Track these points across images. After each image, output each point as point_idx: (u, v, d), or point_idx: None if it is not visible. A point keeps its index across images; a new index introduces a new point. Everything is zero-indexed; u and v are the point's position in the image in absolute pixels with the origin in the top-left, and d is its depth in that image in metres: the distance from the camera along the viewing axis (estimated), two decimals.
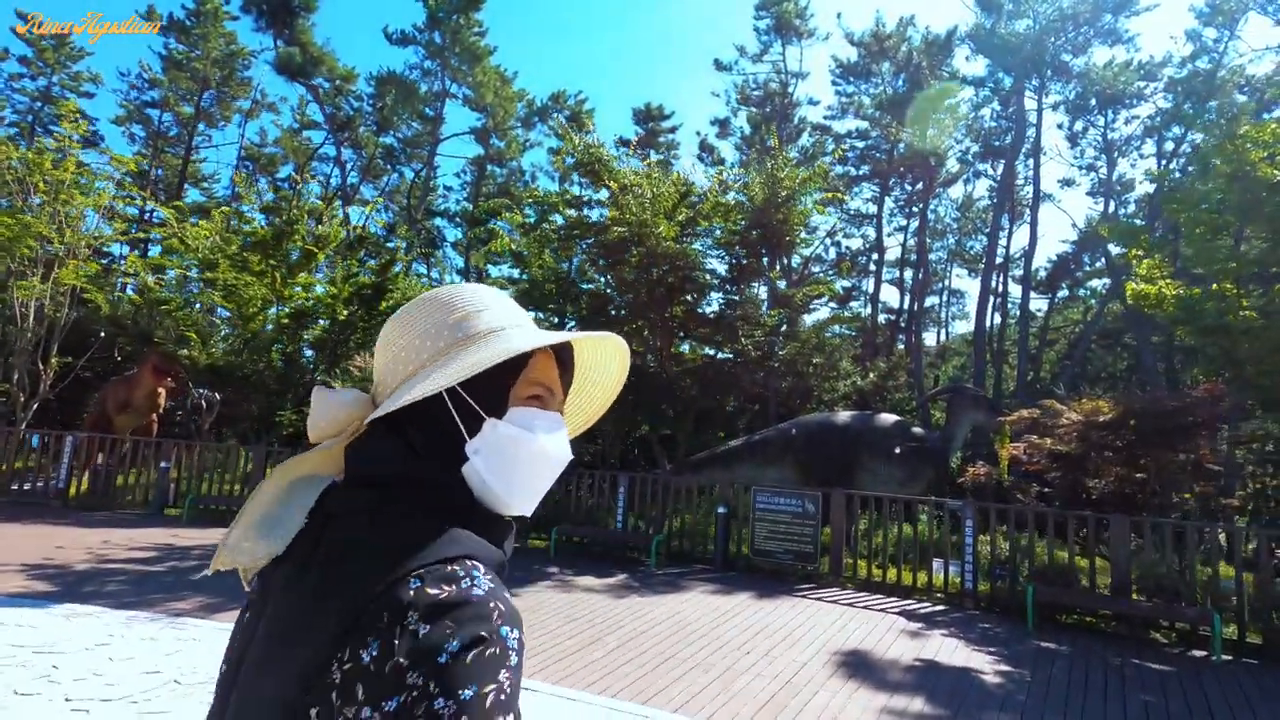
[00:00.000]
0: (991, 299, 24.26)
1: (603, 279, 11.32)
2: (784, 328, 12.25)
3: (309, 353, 15.21)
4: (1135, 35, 22.71)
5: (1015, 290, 30.46)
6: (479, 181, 26.53)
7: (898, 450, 11.69)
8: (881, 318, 30.89)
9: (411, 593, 0.61)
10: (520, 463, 0.75)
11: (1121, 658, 6.44)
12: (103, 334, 14.65)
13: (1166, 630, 7.29)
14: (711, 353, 12.19)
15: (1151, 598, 7.31)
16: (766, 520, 9.57)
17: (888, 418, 13.47)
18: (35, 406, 13.87)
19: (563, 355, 0.84)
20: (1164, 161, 24.51)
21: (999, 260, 24.78)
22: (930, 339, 33.73)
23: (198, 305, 14.91)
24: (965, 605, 8.19)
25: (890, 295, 32.76)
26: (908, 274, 30.25)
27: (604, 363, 0.94)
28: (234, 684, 0.70)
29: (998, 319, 28.17)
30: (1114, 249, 27.12)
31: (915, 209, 28.30)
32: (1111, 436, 7.67)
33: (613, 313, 11.09)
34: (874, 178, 26.74)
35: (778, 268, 14.24)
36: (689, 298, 10.61)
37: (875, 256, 28.96)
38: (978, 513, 8.39)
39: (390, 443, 0.74)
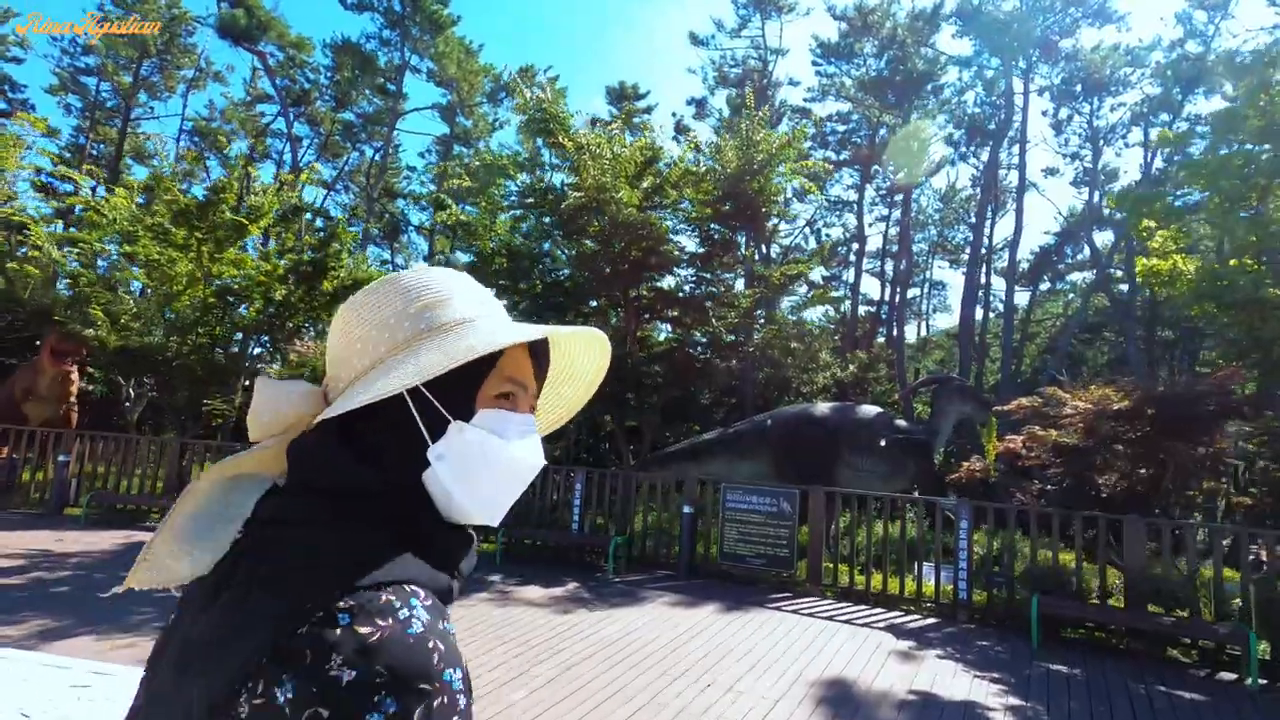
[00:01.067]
0: (978, 291, 23.54)
1: (562, 254, 10.20)
2: (760, 311, 11.25)
3: (245, 337, 13.92)
4: (1125, 14, 22.01)
5: (997, 283, 29.94)
6: (445, 162, 25.20)
7: (882, 443, 10.80)
8: (862, 309, 30.17)
9: (338, 631, 0.54)
10: (488, 470, 0.68)
11: (1145, 684, 5.52)
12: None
13: (1186, 648, 6.41)
14: (681, 337, 11.16)
15: (1170, 611, 6.42)
16: (737, 521, 8.57)
17: (869, 409, 12.60)
18: None
19: (537, 347, 0.76)
20: (1149, 154, 23.98)
21: (983, 250, 24.09)
22: (910, 332, 33.10)
23: (118, 284, 13.52)
24: (959, 618, 7.26)
25: (871, 287, 32.09)
26: (889, 266, 29.54)
27: (581, 355, 0.85)
28: (148, 696, 0.64)
29: (979, 312, 27.55)
30: (1098, 241, 26.61)
31: (897, 198, 27.53)
32: (1125, 427, 6.78)
33: (571, 290, 9.99)
34: (855, 163, 25.87)
35: (754, 248, 13.28)
36: (656, 275, 9.55)
37: (856, 247, 28.17)
38: (973, 513, 7.46)
39: (340, 444, 0.66)
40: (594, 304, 10.26)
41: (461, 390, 0.69)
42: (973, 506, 7.50)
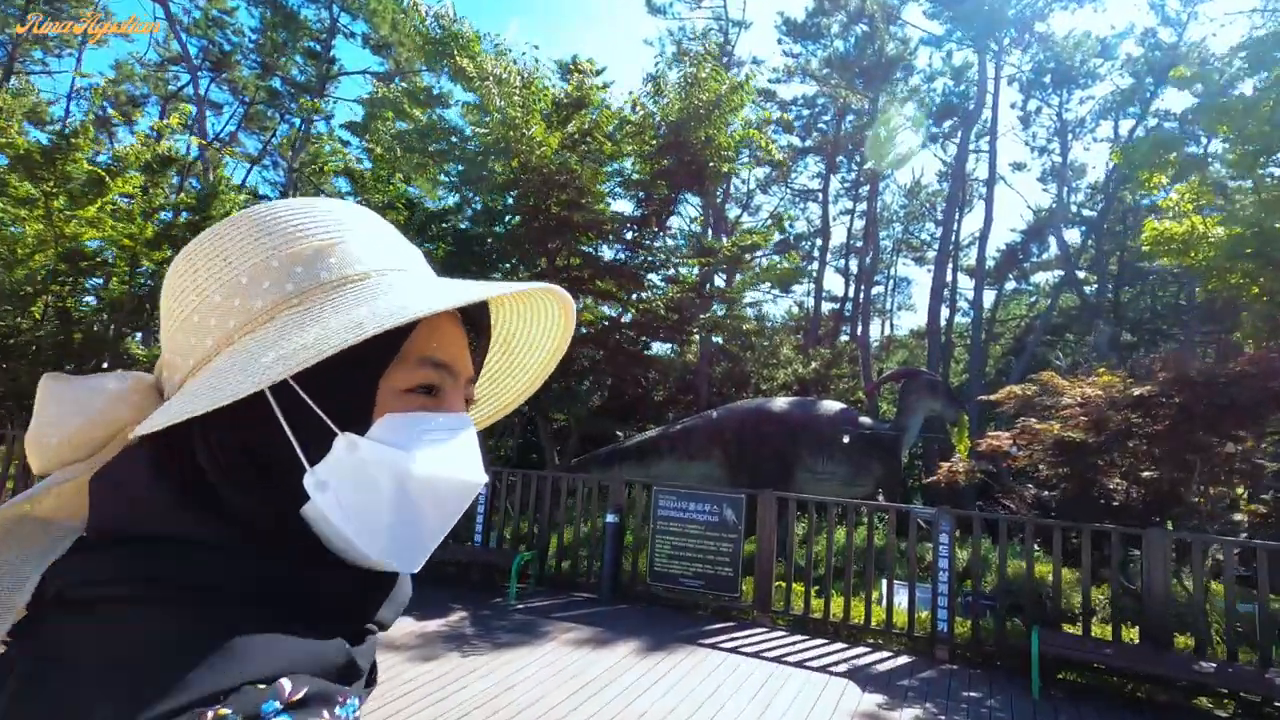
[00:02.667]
0: (945, 289, 22.58)
1: (470, 210, 8.57)
2: (709, 286, 9.82)
3: (113, 315, 11.91)
4: None
5: (963, 281, 29.16)
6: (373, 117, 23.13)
7: (845, 439, 9.53)
8: (826, 307, 29.09)
9: None
10: (396, 501, 0.47)
11: None
12: None
13: (1219, 696, 5.10)
14: (616, 315, 9.65)
15: (1201, 649, 5.10)
16: (671, 532, 7.05)
17: (832, 405, 11.35)
18: None
19: (475, 316, 0.55)
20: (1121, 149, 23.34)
21: (950, 247, 23.15)
22: (874, 330, 32.17)
23: None
24: (937, 655, 5.85)
25: (835, 284, 31.05)
26: (854, 264, 28.51)
27: (535, 322, 0.62)
28: None
29: (945, 311, 26.69)
30: (1065, 238, 25.93)
31: (863, 190, 26.51)
32: (1141, 420, 5.47)
33: (481, 253, 8.37)
34: (820, 150, 24.71)
35: (703, 215, 11.79)
36: (585, 239, 8.02)
37: (820, 242, 27.05)
38: (956, 524, 6.07)
39: (155, 475, 0.45)
40: (510, 269, 8.69)
41: (353, 384, 0.47)
42: (955, 516, 6.11)
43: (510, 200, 7.47)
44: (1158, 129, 22.70)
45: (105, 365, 11.07)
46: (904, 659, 5.78)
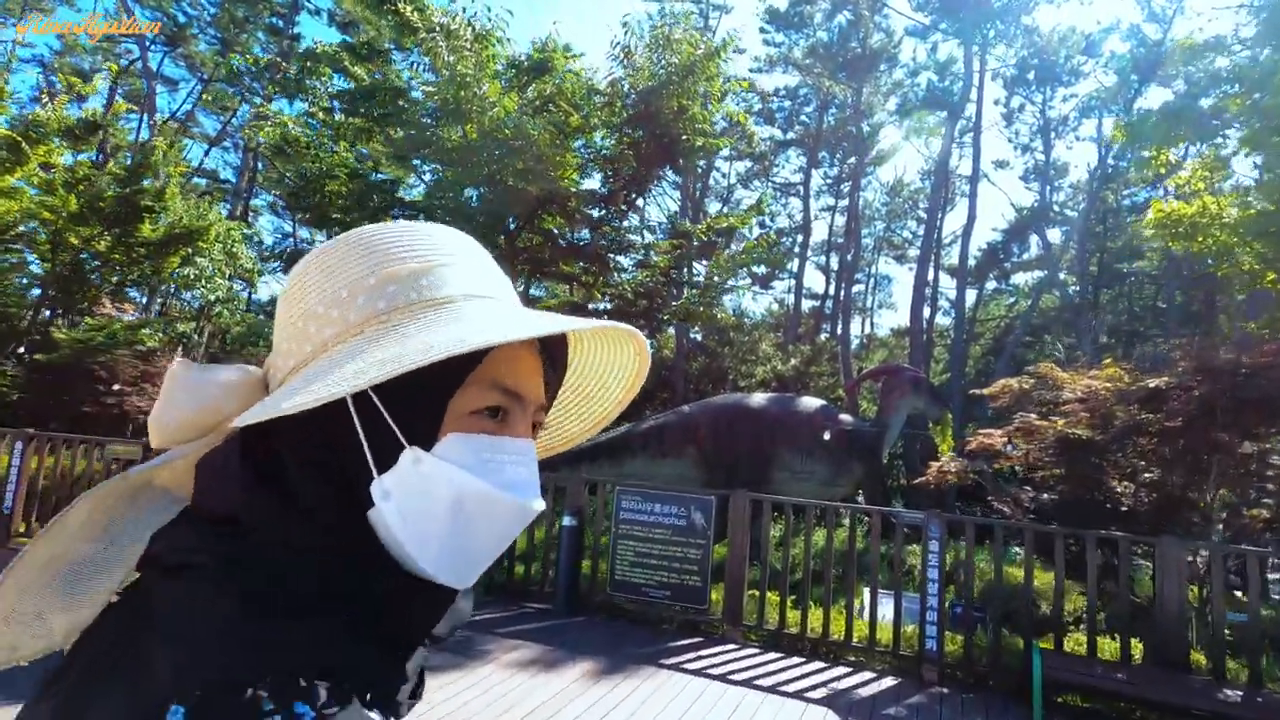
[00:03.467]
0: (925, 288, 22.19)
1: (417, 179, 7.79)
2: (685, 272, 9.15)
3: (43, 296, 11.00)
4: None
5: (944, 280, 28.92)
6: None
7: (826, 436, 9.02)
8: (806, 304, 28.71)
9: None
10: (451, 518, 0.49)
11: None
12: None
13: None
14: (582, 300, 8.93)
15: (1219, 671, 4.56)
16: (635, 537, 6.39)
17: (811, 402, 10.84)
18: None
19: (551, 347, 0.56)
20: (1103, 149, 23.12)
21: (934, 243, 22.78)
22: (855, 328, 31.80)
23: None
24: (925, 677, 5.25)
25: (816, 282, 30.68)
26: (835, 261, 28.08)
27: (608, 359, 0.64)
28: None
29: (927, 310, 26.38)
30: (1047, 237, 25.71)
31: (844, 186, 26.08)
32: (1150, 416, 4.91)
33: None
34: (802, 143, 24.20)
35: (692, 192, 11.11)
36: (548, 217, 7.28)
37: (800, 238, 26.59)
38: (946, 529, 5.48)
39: (248, 462, 0.49)
40: None
41: (424, 402, 0.49)
42: (946, 521, 5.52)
43: (463, 170, 6.75)
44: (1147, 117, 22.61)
45: (21, 350, 10.14)
46: (889, 681, 5.18)
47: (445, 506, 0.48)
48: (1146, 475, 5.27)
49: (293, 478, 0.48)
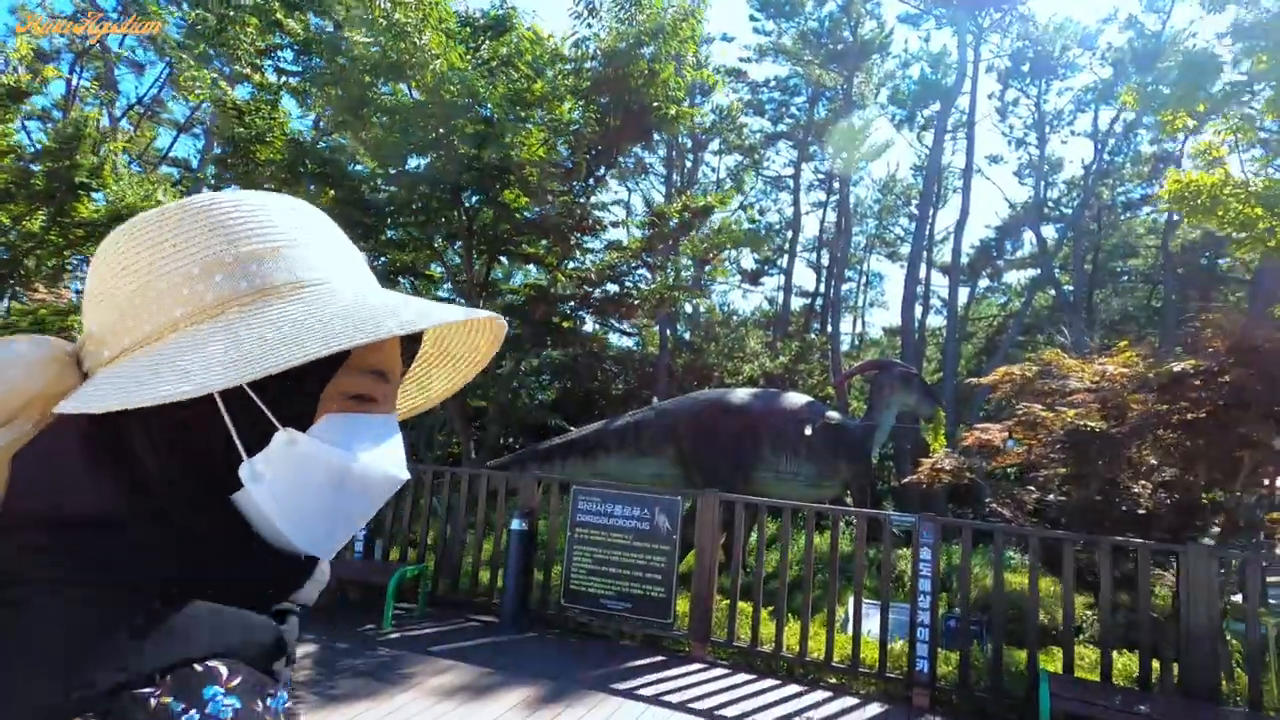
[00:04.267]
0: (917, 286, 21.62)
1: (363, 149, 7.08)
2: (668, 260, 8.49)
3: None
4: None
5: (936, 279, 28.37)
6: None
7: (809, 431, 8.41)
8: (796, 302, 28.09)
9: None
10: (327, 494, 0.49)
11: None
12: None
13: None
14: (546, 284, 8.24)
15: (1254, 702, 3.93)
16: (592, 542, 5.71)
17: (797, 398, 10.22)
18: None
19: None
20: (1100, 144, 22.62)
21: (925, 238, 22.23)
22: (845, 327, 31.24)
23: None
24: (915, 702, 4.60)
25: (806, 280, 30.06)
26: (825, 258, 27.50)
27: (464, 330, 0.64)
28: None
29: (919, 309, 25.83)
30: (1041, 233, 25.20)
31: (835, 182, 25.51)
32: (1172, 405, 4.28)
33: (372, 201, 6.85)
34: (792, 135, 23.57)
35: (674, 167, 10.43)
36: (506, 189, 6.60)
37: (790, 234, 25.98)
38: (940, 534, 4.83)
39: (93, 453, 0.45)
40: (408, 227, 7.14)
41: (300, 387, 0.48)
42: (939, 525, 4.87)
43: (404, 135, 6.07)
44: (1137, 121, 22.12)
45: None
46: (874, 708, 4.52)
47: (323, 484, 0.48)
48: (1166, 473, 4.65)
49: (144, 463, 0.45)
